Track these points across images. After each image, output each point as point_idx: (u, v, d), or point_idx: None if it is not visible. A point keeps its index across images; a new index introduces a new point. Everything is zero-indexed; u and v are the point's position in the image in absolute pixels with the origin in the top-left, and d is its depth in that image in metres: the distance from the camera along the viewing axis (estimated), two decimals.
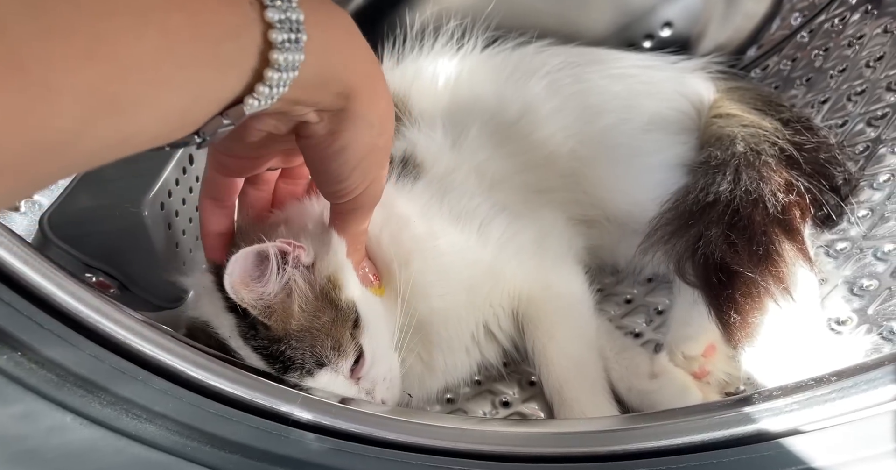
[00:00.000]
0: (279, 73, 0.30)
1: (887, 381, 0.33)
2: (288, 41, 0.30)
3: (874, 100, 0.62)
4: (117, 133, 0.25)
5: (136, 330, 0.35)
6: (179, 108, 0.28)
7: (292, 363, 0.46)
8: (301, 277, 0.47)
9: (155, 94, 0.26)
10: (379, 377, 0.50)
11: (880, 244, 0.51)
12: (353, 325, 0.49)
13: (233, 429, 0.35)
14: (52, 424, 0.29)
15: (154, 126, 0.27)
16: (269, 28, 0.30)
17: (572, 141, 0.66)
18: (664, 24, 0.84)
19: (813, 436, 0.35)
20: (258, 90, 0.30)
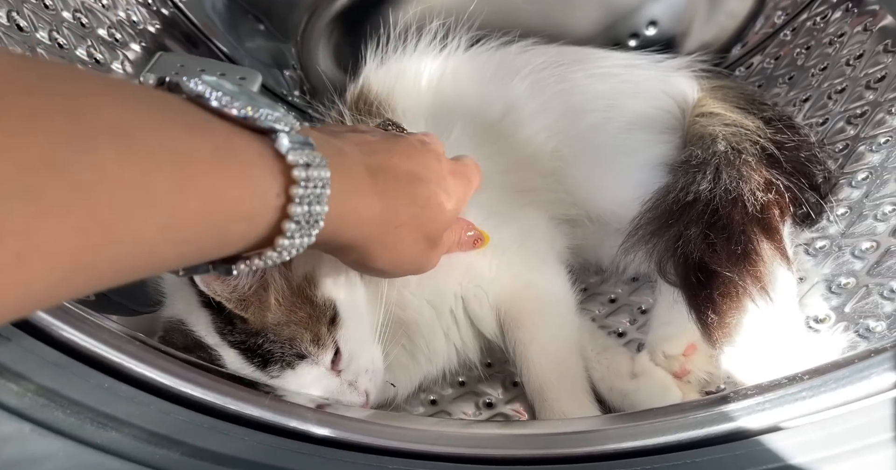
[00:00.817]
0: (279, 254, 0.31)
1: (855, 379, 0.33)
2: (299, 231, 0.30)
3: (854, 98, 0.62)
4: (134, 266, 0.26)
5: (101, 336, 0.35)
6: (173, 260, 0.28)
7: (272, 356, 0.46)
8: (278, 271, 0.47)
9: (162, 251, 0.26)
10: (361, 369, 0.50)
11: (858, 242, 0.51)
12: (330, 320, 0.49)
13: (202, 435, 0.35)
14: (8, 433, 0.28)
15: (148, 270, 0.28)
16: (286, 218, 0.30)
17: (555, 140, 0.66)
18: (649, 22, 0.84)
19: (789, 433, 0.35)
20: (253, 261, 0.31)
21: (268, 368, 0.46)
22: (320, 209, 0.31)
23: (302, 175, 0.29)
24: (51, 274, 0.22)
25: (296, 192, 0.29)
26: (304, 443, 0.37)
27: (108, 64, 0.66)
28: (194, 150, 0.26)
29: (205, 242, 0.27)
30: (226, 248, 0.29)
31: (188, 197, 0.25)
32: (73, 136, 0.22)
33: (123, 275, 0.26)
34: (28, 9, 0.57)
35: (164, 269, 0.30)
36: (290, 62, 0.90)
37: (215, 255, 0.29)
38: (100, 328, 0.35)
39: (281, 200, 0.29)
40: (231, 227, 0.28)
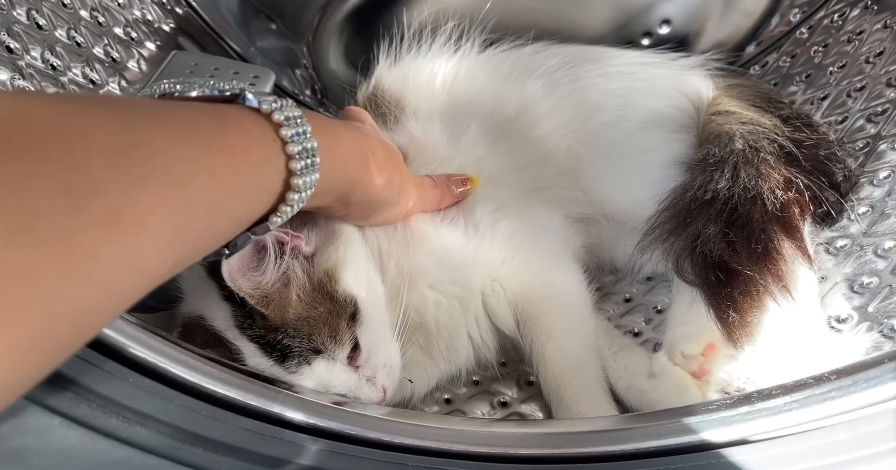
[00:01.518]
0: (299, 194, 0.37)
1: (887, 379, 0.33)
2: (305, 167, 0.36)
3: (874, 96, 0.61)
4: (181, 258, 0.29)
5: (127, 331, 0.35)
6: (225, 231, 0.33)
7: (290, 351, 0.46)
8: (300, 267, 0.48)
9: (211, 223, 0.31)
10: (379, 364, 0.51)
11: (881, 241, 0.51)
12: (350, 317, 0.49)
13: (225, 431, 0.35)
14: (39, 426, 0.29)
15: (206, 249, 0.32)
16: (289, 159, 0.36)
17: (570, 139, 0.66)
18: (662, 21, 0.84)
19: (813, 434, 0.35)
20: (281, 209, 0.37)
21: (286, 362, 0.46)
22: (311, 145, 0.36)
23: (280, 117, 0.35)
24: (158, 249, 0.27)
25: (285, 134, 0.35)
26: (325, 439, 0.37)
27: (125, 62, 0.66)
28: (229, 138, 0.32)
29: (243, 196, 0.33)
30: (260, 198, 0.35)
31: (216, 156, 0.30)
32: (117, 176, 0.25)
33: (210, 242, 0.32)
34: (47, 7, 0.57)
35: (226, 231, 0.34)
36: (302, 61, 0.90)
37: (255, 208, 0.35)
38: (126, 324, 0.35)
39: (278, 145, 0.35)
40: (255, 178, 0.34)
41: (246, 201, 0.34)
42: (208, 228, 0.31)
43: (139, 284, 0.27)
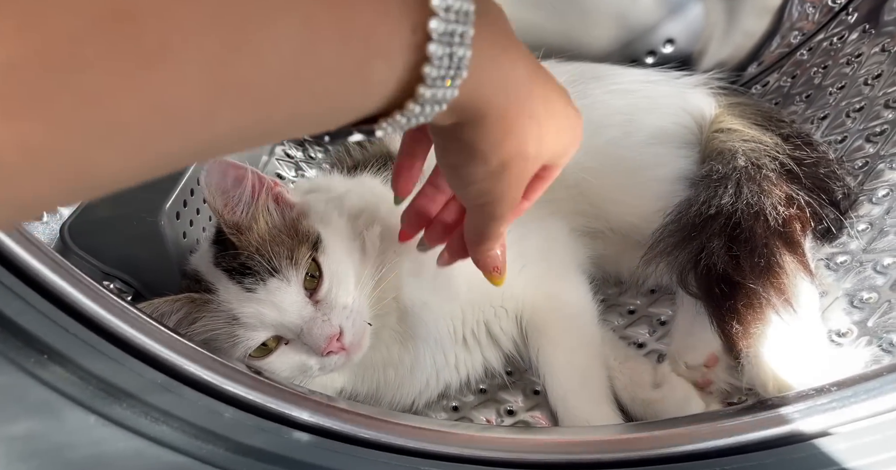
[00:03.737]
0: (421, 107, 0.27)
1: (887, 390, 0.34)
2: (442, 78, 0.27)
3: (872, 116, 0.63)
4: (252, 123, 0.23)
5: (155, 335, 0.36)
6: (315, 113, 0.25)
7: (249, 271, 0.49)
8: (275, 208, 0.53)
9: (292, 96, 0.23)
10: (338, 304, 0.50)
11: (880, 258, 0.52)
12: (312, 245, 0.52)
13: (245, 432, 0.36)
14: (75, 424, 0.30)
15: (287, 128, 0.25)
16: (425, 61, 0.26)
17: (577, 154, 0.67)
18: (666, 41, 0.86)
19: (816, 443, 0.36)
20: (396, 118, 0.28)
21: (244, 279, 0.49)
22: (463, 52, 0.27)
23: (441, 5, 0.26)
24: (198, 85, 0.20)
25: (434, 27, 0.26)
26: (344, 443, 0.38)
27: None
28: None
29: (347, 79, 0.24)
30: (369, 94, 0.26)
31: (316, 9, 0.22)
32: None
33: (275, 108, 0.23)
34: None
35: (316, 115, 0.25)
36: None
37: (361, 103, 0.26)
38: (156, 328, 0.36)
39: (418, 36, 0.26)
40: (370, 64, 0.25)
41: (351, 90, 0.25)
42: (292, 104, 0.23)
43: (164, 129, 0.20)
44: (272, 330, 0.50)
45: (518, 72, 0.32)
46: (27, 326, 0.31)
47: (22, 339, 0.31)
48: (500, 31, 0.31)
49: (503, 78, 0.31)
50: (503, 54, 0.31)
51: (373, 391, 0.59)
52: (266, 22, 0.21)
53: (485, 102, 0.30)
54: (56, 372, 0.31)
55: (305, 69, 0.23)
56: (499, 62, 0.30)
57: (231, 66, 0.20)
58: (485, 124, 0.32)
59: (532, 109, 0.33)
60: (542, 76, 0.35)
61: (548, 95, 0.35)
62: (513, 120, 0.32)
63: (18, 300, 0.32)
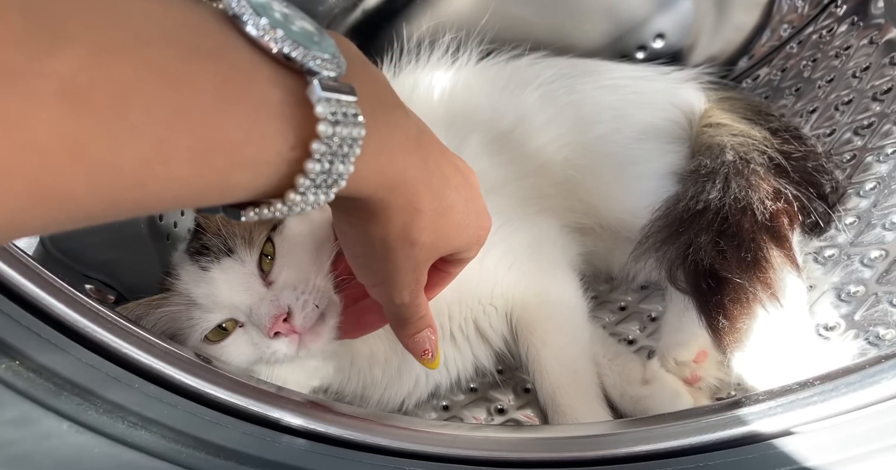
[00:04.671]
0: (290, 208, 0.27)
1: (867, 384, 0.34)
2: (315, 188, 0.26)
3: (861, 109, 0.63)
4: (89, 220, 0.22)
5: (132, 339, 0.36)
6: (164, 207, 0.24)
7: (207, 250, 0.50)
8: None
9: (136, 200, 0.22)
10: (289, 284, 0.49)
11: (867, 251, 0.52)
12: (273, 227, 0.51)
13: (227, 435, 0.36)
14: (47, 431, 0.30)
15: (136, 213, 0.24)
16: (300, 173, 0.26)
17: (566, 150, 0.67)
18: (656, 35, 0.85)
19: (800, 437, 0.36)
20: (263, 211, 0.27)
21: (202, 259, 0.50)
22: (343, 169, 0.26)
23: (327, 131, 0.25)
24: (8, 198, 0.19)
25: (316, 149, 0.25)
26: (328, 445, 0.38)
27: None
28: (198, 78, 0.22)
29: (202, 188, 0.24)
30: (227, 196, 0.25)
31: (178, 131, 0.21)
32: (29, 36, 0.18)
33: (111, 209, 0.22)
34: None
35: (161, 208, 0.24)
36: None
37: (215, 202, 0.25)
38: (131, 331, 0.36)
39: (297, 153, 0.25)
40: (233, 174, 0.24)
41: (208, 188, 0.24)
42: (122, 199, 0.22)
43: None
44: (226, 311, 0.49)
45: (407, 174, 0.32)
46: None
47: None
48: (395, 138, 0.31)
49: (388, 180, 0.31)
50: (390, 162, 0.30)
51: (359, 391, 0.58)
52: (112, 142, 0.20)
53: (366, 198, 0.31)
54: (27, 377, 0.31)
55: (152, 182, 0.22)
56: (383, 170, 0.30)
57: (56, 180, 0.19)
58: (368, 210, 0.32)
59: (420, 204, 0.33)
60: (438, 174, 0.35)
61: (441, 193, 0.35)
62: (398, 210, 0.32)
63: None
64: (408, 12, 0.85)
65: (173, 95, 0.21)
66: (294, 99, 0.25)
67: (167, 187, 0.22)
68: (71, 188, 0.20)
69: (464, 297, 0.58)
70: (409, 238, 0.34)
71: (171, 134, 0.21)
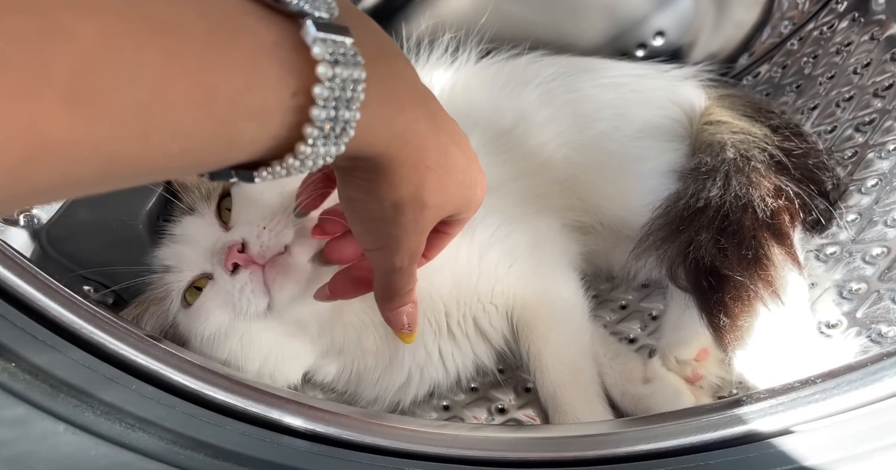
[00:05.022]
0: (301, 162, 0.26)
1: (868, 381, 0.34)
2: (324, 138, 0.26)
3: (862, 106, 0.62)
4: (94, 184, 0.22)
5: (129, 340, 0.36)
6: (174, 168, 0.24)
7: (170, 217, 0.52)
8: None
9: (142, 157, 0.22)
10: (246, 221, 0.49)
11: (869, 248, 0.52)
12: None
13: (225, 437, 0.35)
14: (43, 432, 0.29)
15: (145, 179, 0.24)
16: (308, 122, 0.25)
17: (566, 148, 0.67)
18: (656, 33, 0.85)
19: (801, 436, 0.35)
20: (276, 169, 0.27)
21: (166, 225, 0.52)
22: (350, 115, 0.26)
23: (327, 73, 0.25)
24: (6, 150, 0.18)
25: (319, 93, 0.25)
26: (326, 445, 0.37)
27: None
28: (188, 22, 0.22)
29: (208, 139, 0.23)
30: (236, 150, 0.25)
31: (173, 75, 0.21)
32: None
33: (116, 167, 0.21)
34: None
35: (172, 168, 0.24)
36: None
37: (227, 158, 0.25)
38: (128, 332, 0.36)
39: (300, 100, 0.25)
40: (238, 125, 0.24)
41: (215, 140, 0.23)
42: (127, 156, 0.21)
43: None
44: (194, 267, 0.50)
45: (418, 126, 0.31)
46: None
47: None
48: (399, 88, 0.30)
49: (398, 135, 0.30)
50: (399, 113, 0.30)
51: (352, 386, 0.58)
52: (107, 86, 0.19)
53: (377, 154, 0.30)
54: (23, 379, 0.31)
55: (155, 133, 0.21)
56: (392, 121, 0.30)
57: (51, 128, 0.19)
58: (379, 170, 0.31)
59: (429, 161, 0.33)
60: (445, 130, 0.34)
61: (447, 150, 0.34)
62: (410, 169, 0.32)
63: None
64: (407, 11, 0.85)
65: (162, 38, 0.21)
66: (290, 43, 0.24)
67: (171, 139, 0.22)
68: (71, 136, 0.19)
69: (463, 294, 0.58)
70: (421, 200, 0.33)
71: (166, 78, 0.21)
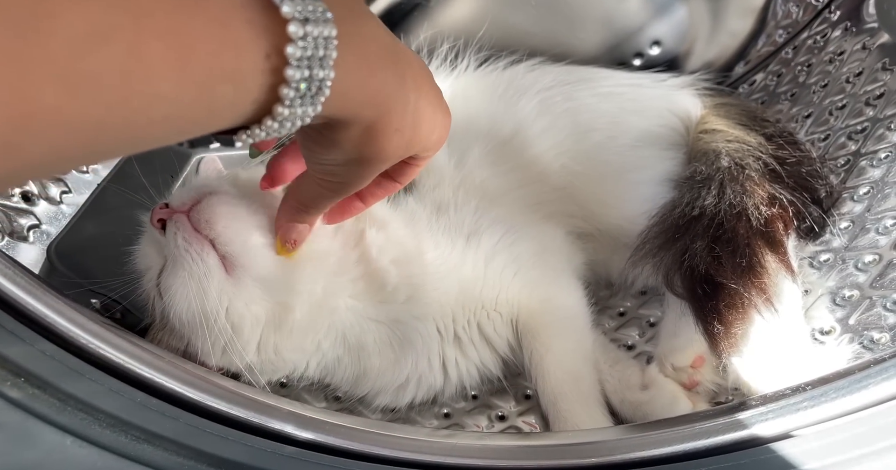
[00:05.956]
0: (280, 124, 0.27)
1: (856, 388, 0.34)
2: (301, 97, 0.26)
3: (854, 114, 0.63)
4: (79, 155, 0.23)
5: (134, 353, 0.36)
6: (157, 136, 0.25)
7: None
8: None
9: (125, 123, 0.22)
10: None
11: (861, 255, 0.52)
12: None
13: (228, 447, 0.36)
14: (51, 446, 0.30)
15: (130, 149, 0.25)
16: (283, 83, 0.26)
17: (564, 157, 0.68)
18: (653, 42, 0.86)
19: (794, 441, 0.36)
20: (255, 132, 0.28)
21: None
22: (324, 74, 0.26)
23: (299, 32, 0.25)
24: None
25: (291, 53, 0.25)
26: (329, 455, 0.38)
27: None
28: None
29: (189, 104, 0.24)
30: (216, 115, 0.25)
31: (147, 39, 0.21)
32: None
33: (102, 134, 0.22)
34: None
35: (158, 135, 0.24)
36: None
37: (208, 123, 0.26)
38: (133, 345, 0.37)
39: (273, 61, 0.25)
40: (215, 89, 0.24)
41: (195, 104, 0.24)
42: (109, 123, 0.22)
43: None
44: (158, 259, 0.50)
45: (389, 88, 0.32)
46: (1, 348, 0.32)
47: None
48: (371, 50, 0.31)
49: (371, 95, 0.31)
50: (371, 75, 0.30)
51: (350, 379, 0.59)
52: (81, 51, 0.20)
53: (351, 115, 0.31)
54: (32, 394, 0.31)
55: (136, 98, 0.22)
56: (366, 81, 0.30)
57: (36, 97, 0.19)
58: (349, 129, 0.32)
59: (398, 123, 0.33)
60: (414, 87, 0.35)
61: (416, 107, 0.35)
62: (379, 130, 0.32)
63: None
64: (406, 23, 0.86)
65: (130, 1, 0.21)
66: (258, 4, 0.25)
67: (153, 105, 0.22)
68: (54, 104, 0.20)
69: (468, 301, 0.59)
70: (383, 156, 0.34)
71: (139, 40, 0.21)
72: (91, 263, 0.54)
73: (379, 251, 0.55)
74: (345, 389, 0.60)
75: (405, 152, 0.36)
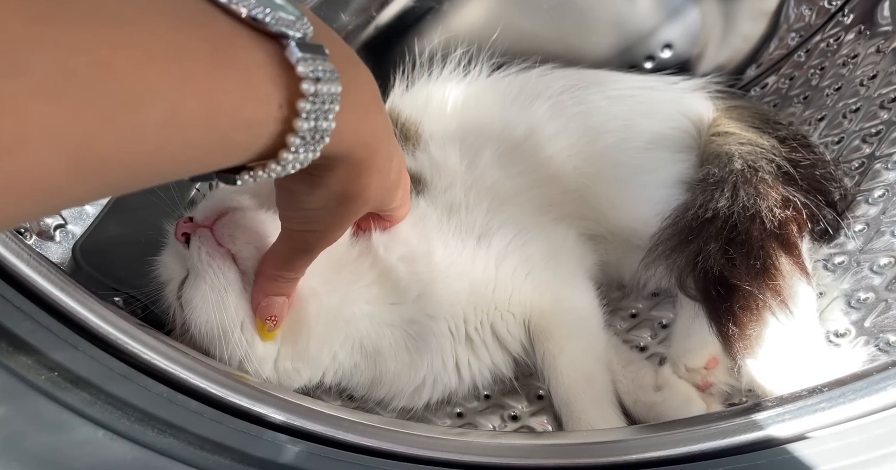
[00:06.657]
0: (283, 167, 0.30)
1: (874, 390, 0.35)
2: (304, 145, 0.29)
3: (869, 117, 0.63)
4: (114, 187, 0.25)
5: (161, 350, 0.37)
6: (176, 172, 0.27)
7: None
8: None
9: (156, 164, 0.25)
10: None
11: (876, 258, 0.53)
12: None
13: (253, 443, 0.37)
14: (84, 438, 0.31)
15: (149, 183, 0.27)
16: (291, 132, 0.28)
17: (576, 160, 0.68)
18: (664, 45, 0.86)
19: (809, 443, 0.36)
20: (258, 173, 0.30)
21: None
22: (327, 125, 0.29)
23: (311, 89, 0.28)
24: (59, 161, 0.20)
25: (303, 107, 0.28)
26: (343, 450, 0.39)
27: None
28: (193, 46, 0.24)
29: (210, 148, 0.26)
30: (230, 157, 0.28)
31: (187, 96, 0.24)
32: (54, 14, 0.20)
33: (136, 175, 0.25)
34: None
35: (175, 174, 0.27)
36: None
37: (221, 163, 0.28)
38: (160, 342, 0.38)
39: (284, 112, 0.28)
40: (233, 135, 0.27)
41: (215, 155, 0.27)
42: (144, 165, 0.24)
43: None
44: (180, 270, 0.52)
45: (377, 131, 0.35)
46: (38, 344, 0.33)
47: (33, 358, 0.33)
48: (364, 97, 0.34)
49: (361, 138, 0.34)
50: (363, 118, 0.34)
51: (366, 383, 0.59)
52: (136, 108, 0.22)
53: (343, 154, 0.34)
54: (66, 388, 0.32)
55: (170, 144, 0.24)
56: (358, 126, 0.33)
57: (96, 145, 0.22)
58: (338, 167, 0.35)
59: (379, 163, 0.37)
60: (392, 137, 0.39)
61: (392, 153, 0.39)
62: (363, 170, 0.36)
63: (28, 320, 0.34)
64: (419, 28, 0.86)
65: (176, 64, 0.23)
66: (275, 61, 0.27)
67: (181, 149, 0.25)
68: (110, 152, 0.22)
69: (480, 302, 0.59)
70: (364, 197, 0.37)
71: (181, 100, 0.23)
72: (114, 262, 0.55)
73: (385, 249, 0.56)
74: (361, 392, 0.61)
75: (382, 197, 0.40)
